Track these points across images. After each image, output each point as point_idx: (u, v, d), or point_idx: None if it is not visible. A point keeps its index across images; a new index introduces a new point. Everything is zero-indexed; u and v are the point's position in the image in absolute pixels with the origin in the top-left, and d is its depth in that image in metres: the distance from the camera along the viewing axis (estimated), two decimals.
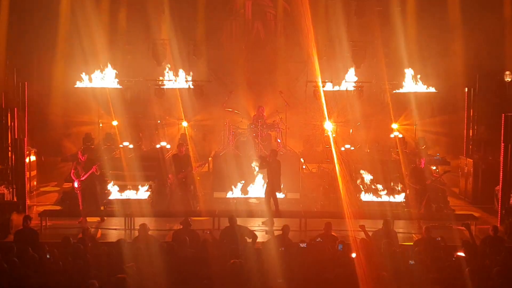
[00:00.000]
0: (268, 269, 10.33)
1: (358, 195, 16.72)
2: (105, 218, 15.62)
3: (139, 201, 16.52)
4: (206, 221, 15.11)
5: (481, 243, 12.19)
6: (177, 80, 21.65)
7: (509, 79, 19.81)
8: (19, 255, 10.37)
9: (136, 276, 9.67)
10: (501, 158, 15.58)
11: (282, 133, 19.20)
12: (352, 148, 20.10)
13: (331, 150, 18.19)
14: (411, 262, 10.56)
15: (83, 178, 15.50)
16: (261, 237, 13.60)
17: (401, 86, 21.35)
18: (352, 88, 20.90)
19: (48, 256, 10.63)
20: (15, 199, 15.87)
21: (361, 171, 17.04)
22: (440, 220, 15.11)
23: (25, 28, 20.52)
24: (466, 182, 18.53)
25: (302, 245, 11.53)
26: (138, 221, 14.24)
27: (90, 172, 15.48)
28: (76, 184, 15.58)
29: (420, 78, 21.17)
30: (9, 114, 16.26)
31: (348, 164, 17.91)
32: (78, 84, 20.91)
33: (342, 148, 19.74)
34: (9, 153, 16.26)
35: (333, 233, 12.72)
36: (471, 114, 19.49)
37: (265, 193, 15.67)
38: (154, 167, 18.22)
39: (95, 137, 20.91)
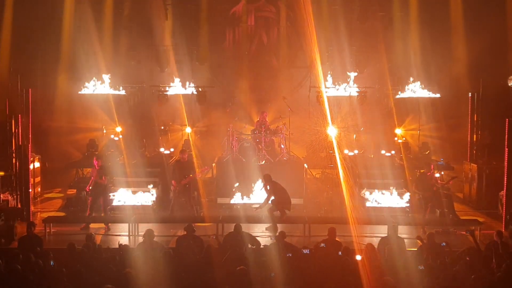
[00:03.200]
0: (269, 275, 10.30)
1: (362, 201, 16.71)
2: (109, 224, 15.61)
3: (143, 207, 16.53)
4: (209, 227, 15.11)
5: (485, 248, 12.16)
6: (182, 84, 21.65)
7: None
8: (23, 261, 10.37)
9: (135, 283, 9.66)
10: (506, 163, 15.56)
11: (285, 138, 19.20)
12: (351, 153, 20.05)
13: (334, 156, 18.19)
14: (421, 267, 10.52)
15: (91, 184, 15.67)
16: (264, 243, 13.59)
17: (404, 91, 21.32)
18: (356, 94, 20.89)
19: (52, 263, 10.62)
20: (19, 206, 15.92)
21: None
22: (444, 226, 15.10)
23: (29, 34, 20.54)
24: (470, 187, 18.49)
25: (305, 251, 11.50)
26: (142, 227, 14.26)
27: (99, 181, 15.67)
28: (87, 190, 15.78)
29: (423, 83, 21.15)
30: (13, 121, 16.32)
31: (352, 170, 17.90)
32: (82, 91, 20.95)
33: (351, 153, 19.72)
34: (13, 159, 16.31)
35: (337, 239, 12.69)
36: (475, 119, 19.48)
37: (270, 208, 15.69)
38: (157, 173, 18.27)
39: (99, 143, 20.95)
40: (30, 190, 16.41)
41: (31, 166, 17.00)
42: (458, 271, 10.45)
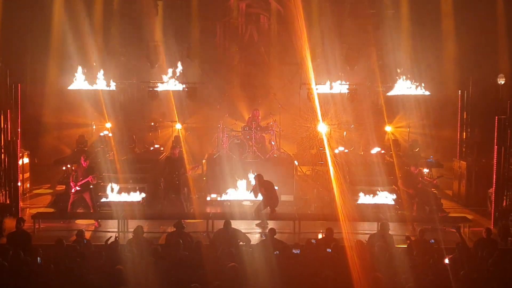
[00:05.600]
0: (259, 272, 10.30)
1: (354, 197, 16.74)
2: (99, 221, 15.54)
3: (132, 203, 16.48)
4: (199, 224, 15.09)
5: (474, 245, 12.24)
6: (168, 81, 21.56)
7: (502, 82, 19.88)
8: (12, 257, 10.31)
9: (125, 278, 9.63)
10: (494, 161, 15.61)
11: (276, 135, 19.20)
12: (346, 150, 20.10)
13: (325, 153, 18.21)
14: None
15: (78, 184, 15.54)
16: (254, 239, 13.61)
17: (395, 89, 21.37)
18: (346, 91, 20.90)
19: (39, 261, 10.57)
20: (8, 202, 15.79)
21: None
22: (433, 223, 15.16)
23: (18, 29, 20.41)
24: (460, 185, 18.54)
25: (295, 251, 11.49)
26: (132, 223, 14.23)
27: (85, 180, 15.53)
28: (72, 188, 15.65)
29: (413, 81, 21.20)
30: (1, 116, 16.15)
31: (342, 167, 17.92)
32: (72, 86, 20.84)
33: (336, 151, 19.73)
34: (2, 155, 16.16)
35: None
36: (465, 117, 19.54)
37: (258, 207, 15.65)
38: (147, 169, 18.22)
39: (89, 139, 20.86)
40: (19, 184, 16.31)
41: (20, 162, 16.88)
42: (445, 267, 10.51)
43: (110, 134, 20.56)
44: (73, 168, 17.83)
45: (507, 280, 9.84)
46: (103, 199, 16.72)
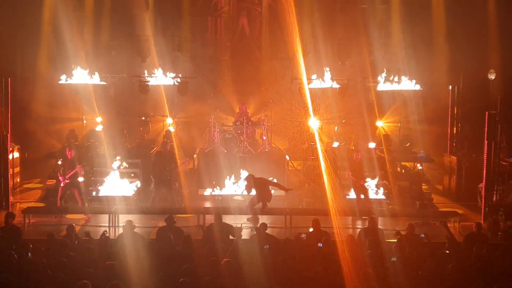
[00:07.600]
0: (250, 267, 10.30)
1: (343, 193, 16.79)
2: (89, 215, 15.49)
3: (123, 198, 16.44)
4: (191, 218, 15.08)
5: (464, 240, 12.29)
6: (164, 75, 21.50)
7: (493, 77, 19.93)
8: (2, 252, 10.27)
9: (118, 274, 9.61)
10: (485, 156, 15.68)
11: (267, 130, 19.20)
12: (335, 145, 20.11)
13: (316, 148, 18.22)
14: (393, 259, 10.60)
15: (67, 177, 15.47)
16: (245, 234, 13.60)
17: (386, 84, 21.41)
18: (337, 86, 20.91)
19: (29, 256, 10.52)
20: None
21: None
22: (423, 217, 15.23)
23: (8, 24, 20.27)
24: (450, 180, 18.63)
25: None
26: (123, 218, 14.20)
27: (73, 171, 15.47)
28: (61, 182, 15.57)
29: (404, 76, 21.24)
30: None
31: (333, 161, 17.94)
32: (62, 81, 20.74)
33: (336, 144, 19.81)
34: None
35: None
36: (455, 112, 19.62)
37: (250, 202, 15.61)
38: (138, 164, 18.18)
39: (79, 133, 20.79)
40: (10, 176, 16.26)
41: (10, 156, 16.81)
42: (436, 261, 10.54)
43: (101, 128, 20.46)
44: (59, 162, 17.79)
45: (496, 274, 9.88)
46: (94, 193, 16.69)
